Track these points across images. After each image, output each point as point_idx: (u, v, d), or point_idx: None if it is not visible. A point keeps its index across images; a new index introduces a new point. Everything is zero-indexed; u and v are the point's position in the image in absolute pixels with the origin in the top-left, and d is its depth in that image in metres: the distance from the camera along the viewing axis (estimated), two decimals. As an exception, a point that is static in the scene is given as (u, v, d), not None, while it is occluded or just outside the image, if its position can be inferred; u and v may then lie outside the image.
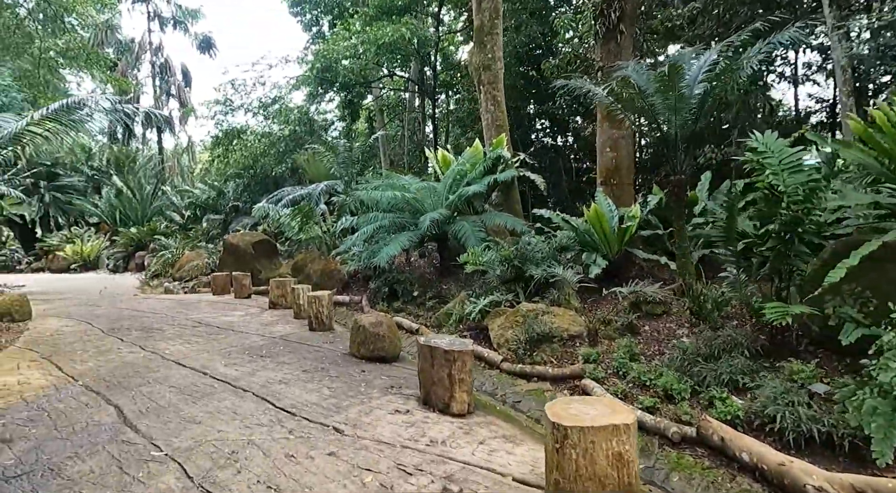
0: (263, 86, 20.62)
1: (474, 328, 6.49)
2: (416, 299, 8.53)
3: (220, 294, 10.63)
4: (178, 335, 6.50)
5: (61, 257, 20.62)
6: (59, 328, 7.11)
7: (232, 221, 18.80)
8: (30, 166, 21.20)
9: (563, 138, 17.08)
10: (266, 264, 12.65)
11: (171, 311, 8.45)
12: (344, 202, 10.93)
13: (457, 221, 8.68)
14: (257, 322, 7.40)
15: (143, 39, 27.92)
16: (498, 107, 11.64)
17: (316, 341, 6.20)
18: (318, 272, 10.57)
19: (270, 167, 19.52)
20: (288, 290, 8.64)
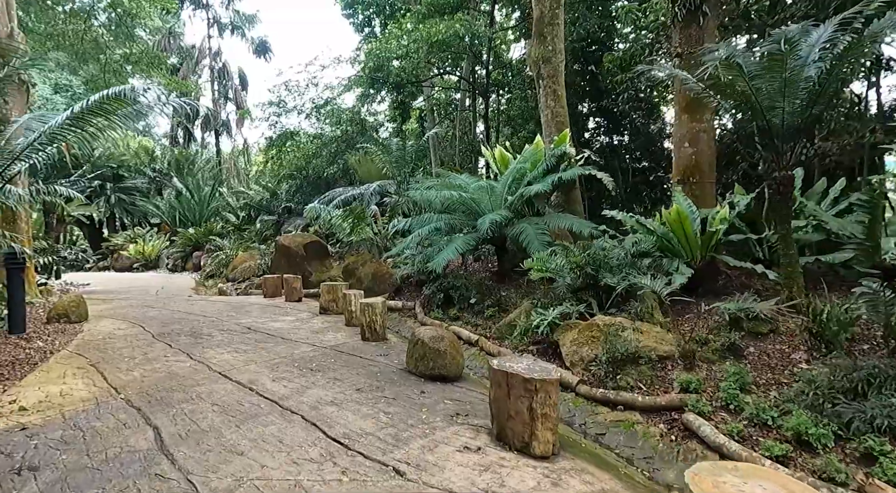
0: (316, 87, 20.68)
1: (542, 342, 5.84)
2: (474, 307, 7.95)
3: (271, 297, 10.43)
4: (226, 342, 6.19)
5: (125, 256, 21.37)
6: (111, 332, 6.98)
7: (284, 222, 18.86)
8: (96, 169, 22.11)
9: (619, 137, 16.13)
10: (317, 266, 12.42)
11: (221, 314, 8.24)
12: (396, 203, 10.52)
13: (517, 224, 8.05)
14: (307, 329, 7.02)
15: (202, 45, 28.77)
16: (558, 102, 10.92)
17: (369, 353, 5.73)
18: (369, 276, 10.18)
19: (322, 168, 19.49)
20: (339, 295, 8.26)
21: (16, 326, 6.44)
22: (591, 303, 5.97)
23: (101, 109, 4.42)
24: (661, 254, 6.59)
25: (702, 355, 4.54)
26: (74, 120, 4.47)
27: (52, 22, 13.89)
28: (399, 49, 17.37)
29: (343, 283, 8.62)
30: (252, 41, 30.29)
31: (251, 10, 30.13)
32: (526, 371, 3.16)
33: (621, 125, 15.13)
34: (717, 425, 3.49)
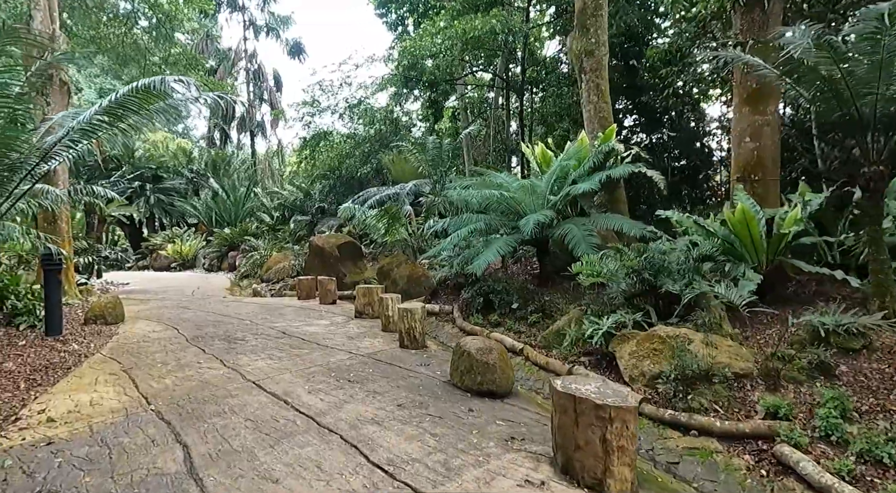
0: (350, 86, 20.56)
1: (594, 353, 5.39)
2: (516, 313, 7.53)
3: (306, 299, 10.24)
4: (260, 348, 5.95)
5: (163, 256, 21.74)
6: (146, 334, 6.85)
7: (318, 222, 18.80)
8: (136, 170, 22.60)
9: (658, 135, 15.42)
10: (351, 267, 12.20)
11: (255, 317, 8.06)
12: (432, 203, 10.19)
13: (562, 224, 7.59)
14: (343, 335, 6.74)
15: (238, 47, 29.15)
16: (602, 96, 10.41)
17: (409, 361, 5.38)
18: (404, 278, 9.88)
19: (355, 168, 19.36)
20: (375, 298, 7.96)
21: (52, 328, 6.36)
22: (649, 311, 5.47)
23: (130, 103, 4.22)
24: (726, 258, 6.03)
25: (786, 374, 4.01)
26: (103, 115, 4.29)
27: (96, 26, 14.14)
28: (433, 46, 17.09)
29: (379, 286, 8.33)
30: (286, 42, 30.55)
31: (286, 12, 30.41)
32: (597, 396, 2.74)
33: (660, 123, 14.45)
34: (819, 460, 2.99)
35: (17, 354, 5.43)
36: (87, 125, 4.33)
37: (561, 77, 18.17)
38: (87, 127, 4.37)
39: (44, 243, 5.84)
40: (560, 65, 18.60)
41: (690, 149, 13.40)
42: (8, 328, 6.43)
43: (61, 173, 9.56)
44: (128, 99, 4.14)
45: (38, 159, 4.35)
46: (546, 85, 18.26)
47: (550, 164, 9.25)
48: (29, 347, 5.78)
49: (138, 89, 4.05)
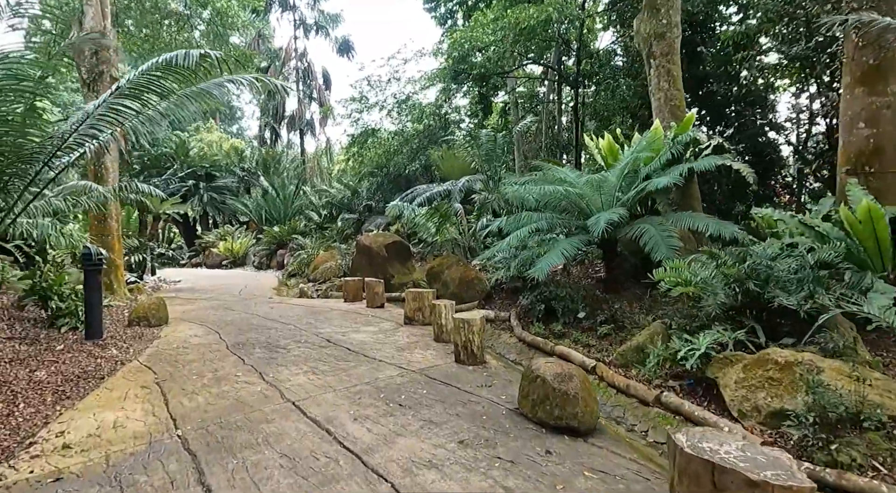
0: (398, 82, 20.12)
1: (684, 377, 4.56)
2: (582, 322, 6.74)
3: (352, 301, 9.75)
4: (303, 359, 5.43)
5: (215, 253, 22.03)
6: (186, 339, 6.49)
7: (365, 220, 18.46)
8: (189, 168, 23.03)
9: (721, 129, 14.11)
10: (399, 267, 11.67)
11: (300, 321, 7.60)
12: (485, 200, 9.49)
13: (634, 224, 6.73)
14: (392, 345, 6.14)
15: (288, 46, 29.33)
16: (673, 83, 9.44)
17: (467, 381, 4.70)
18: (455, 280, 9.23)
19: (403, 165, 18.90)
20: (426, 304, 7.34)
21: (92, 331, 6.08)
22: (754, 329, 4.58)
23: (152, 84, 3.76)
24: (847, 265, 5.03)
25: (967, 423, 3.08)
26: (123, 99, 3.85)
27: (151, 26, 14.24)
28: (484, 37, 16.37)
29: (430, 290, 7.70)
30: (335, 40, 30.52)
31: (335, 10, 30.42)
32: (747, 465, 1.97)
33: (724, 115, 13.17)
34: None
35: (53, 360, 5.13)
36: (107, 111, 3.90)
37: (616, 70, 17.18)
38: (107, 113, 3.94)
39: (83, 242, 5.53)
40: (614, 57, 17.61)
41: (756, 143, 12.15)
42: (50, 331, 6.21)
43: (111, 170, 9.47)
44: (148, 79, 3.68)
45: (54, 150, 3.96)
46: (600, 78, 17.24)
47: (618, 157, 8.38)
48: (66, 352, 5.48)
49: (159, 66, 3.57)
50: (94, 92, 9.37)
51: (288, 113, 30.23)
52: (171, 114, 4.30)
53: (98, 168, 9.36)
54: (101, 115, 3.93)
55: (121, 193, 7.31)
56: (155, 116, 4.22)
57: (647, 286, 7.58)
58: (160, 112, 4.21)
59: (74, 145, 4.10)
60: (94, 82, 9.34)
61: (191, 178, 23.84)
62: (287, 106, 30.81)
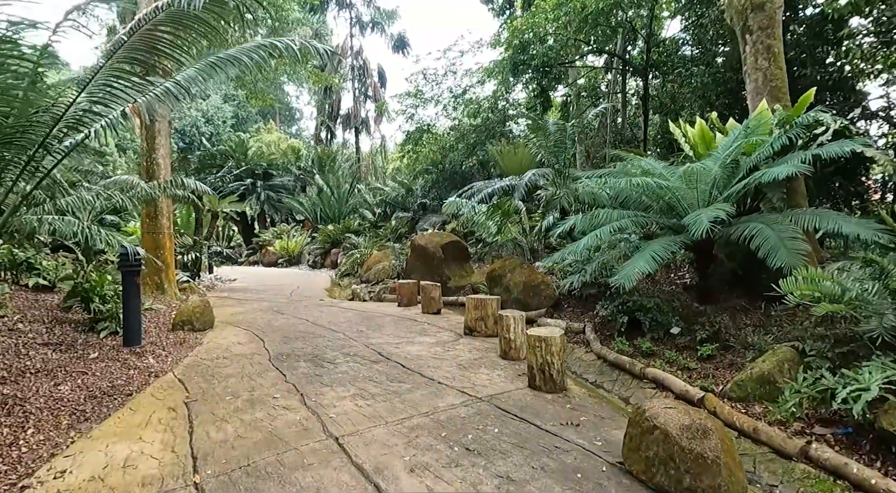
0: (454, 75, 19.37)
1: (842, 424, 3.48)
2: (676, 339, 5.68)
3: (406, 306, 9.04)
4: (350, 377, 4.71)
5: (271, 252, 22.09)
6: (228, 347, 5.95)
7: (420, 219, 17.82)
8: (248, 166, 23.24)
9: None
10: (456, 269, 10.88)
11: (350, 329, 6.95)
12: (553, 197, 8.53)
13: (740, 223, 5.60)
14: (452, 360, 5.33)
15: (344, 44, 29.25)
16: (774, 61, 8.15)
17: (548, 415, 3.81)
18: (519, 285, 8.32)
19: (459, 161, 18.13)
20: (490, 312, 6.50)
21: (130, 337, 5.64)
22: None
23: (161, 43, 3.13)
24: None
25: None
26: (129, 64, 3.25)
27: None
28: (547, 23, 15.34)
29: (493, 297, 6.84)
30: (391, 37, 30.18)
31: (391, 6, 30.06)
32: None
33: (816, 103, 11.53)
34: None
35: (82, 371, 4.66)
36: (111, 79, 3.30)
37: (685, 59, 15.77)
38: (111, 82, 3.34)
39: (119, 241, 5.07)
40: (682, 46, 16.19)
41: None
42: (89, 335, 5.82)
43: (163, 167, 9.21)
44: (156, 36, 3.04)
45: (49, 128, 3.41)
46: (667, 68, 15.84)
47: (711, 147, 7.20)
48: (99, 361, 5.03)
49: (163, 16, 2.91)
50: (146, 86, 9.13)
51: (343, 111, 30.19)
52: (194, 84, 3.67)
53: (150, 164, 9.13)
54: (104, 83, 3.34)
55: (167, 189, 6.91)
56: (173, 88, 3.62)
57: (752, 297, 6.43)
58: (180, 84, 3.60)
59: (76, 124, 3.55)
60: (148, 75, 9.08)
61: (248, 176, 24.08)
62: (342, 104, 30.80)
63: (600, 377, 5.49)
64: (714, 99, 13.68)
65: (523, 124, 18.94)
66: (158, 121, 9.19)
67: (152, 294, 8.86)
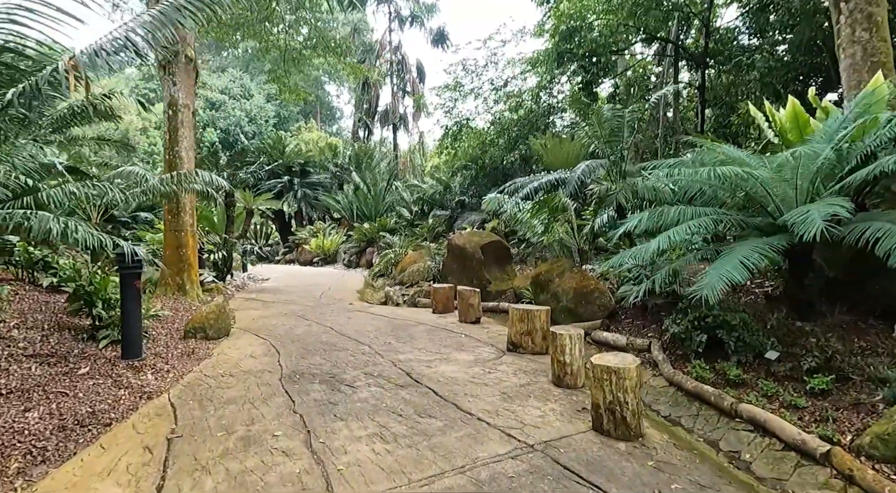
0: (496, 66, 18.38)
1: None
2: (772, 366, 4.59)
3: (442, 313, 8.19)
4: (371, 407, 3.88)
5: (307, 250, 21.70)
6: (238, 362, 5.24)
7: (458, 217, 16.96)
8: (275, 162, 22.93)
9: None
10: (496, 272, 9.95)
11: (377, 340, 6.14)
12: (608, 192, 7.49)
13: (855, 222, 4.45)
14: (494, 387, 4.42)
15: (383, 38, 28.69)
16: (877, 31, 6.98)
17: (626, 481, 2.85)
18: (569, 292, 7.32)
19: (500, 157, 17.16)
20: (538, 326, 5.55)
21: (129, 349, 4.99)
22: None
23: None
24: None
25: None
26: None
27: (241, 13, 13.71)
28: (597, 4, 14.21)
29: (542, 308, 5.87)
30: (430, 31, 29.42)
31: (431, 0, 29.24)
32: None
33: None
34: None
35: (63, 391, 4.01)
36: None
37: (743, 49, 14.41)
38: None
39: (113, 240, 4.42)
40: (739, 34, 14.80)
41: None
42: (87, 345, 5.22)
43: (186, 160, 8.68)
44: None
45: None
46: (726, 57, 14.43)
47: (807, 131, 6.01)
48: (89, 377, 4.39)
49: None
50: (169, 75, 8.63)
51: (381, 108, 29.65)
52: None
53: (173, 157, 8.61)
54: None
55: (181, 183, 6.28)
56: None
57: (859, 313, 5.25)
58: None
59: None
60: (170, 65, 8.58)
61: (285, 173, 23.79)
62: (380, 101, 30.28)
63: (675, 410, 4.47)
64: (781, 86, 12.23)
65: (567, 119, 17.78)
66: (181, 111, 8.66)
67: (173, 296, 8.34)
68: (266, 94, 48.58)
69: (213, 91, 43.42)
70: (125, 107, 21.86)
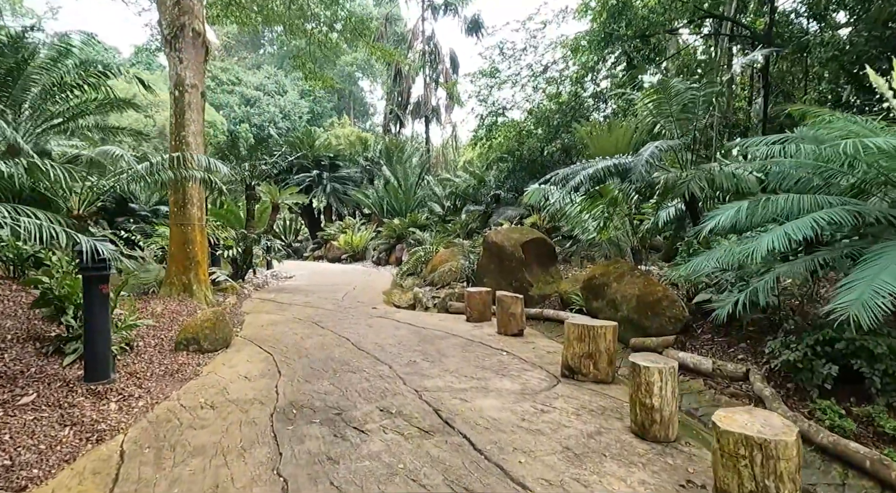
0: (535, 50, 17.05)
1: None
2: (944, 416, 3.28)
3: (477, 322, 7.05)
4: (383, 471, 2.77)
5: (336, 247, 20.91)
6: (226, 386, 4.23)
7: (493, 212, 15.75)
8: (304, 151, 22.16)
9: None
10: (539, 274, 8.73)
11: (400, 358, 5.05)
12: (678, 181, 6.18)
13: None
14: (552, 437, 3.25)
15: (415, 28, 27.64)
16: None
17: None
18: (631, 300, 6.08)
19: (539, 147, 15.86)
20: (602, 348, 4.34)
21: (94, 370, 4.02)
22: None
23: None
24: None
25: None
26: None
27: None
28: (651, -25, 12.79)
29: (608, 323, 4.63)
30: (465, 20, 28.18)
31: (466, -14, 27.98)
32: None
33: None
34: None
35: (-15, 431, 3.07)
36: None
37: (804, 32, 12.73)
38: None
39: (72, 234, 3.46)
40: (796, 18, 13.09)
41: None
42: (49, 361, 4.30)
43: (193, 145, 7.78)
44: None
45: None
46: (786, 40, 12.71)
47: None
48: (31, 409, 3.43)
49: None
50: (175, 51, 7.75)
51: (413, 99, 28.61)
52: None
53: (179, 143, 7.73)
54: None
55: (175, 168, 5.32)
56: None
57: None
58: None
59: None
60: (176, 39, 7.69)
61: (315, 167, 23.05)
62: (412, 92, 29.23)
63: (806, 474, 3.21)
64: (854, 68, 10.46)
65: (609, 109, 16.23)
66: (188, 92, 7.77)
67: (178, 297, 7.46)
68: (300, 90, 48.34)
69: (248, 88, 43.40)
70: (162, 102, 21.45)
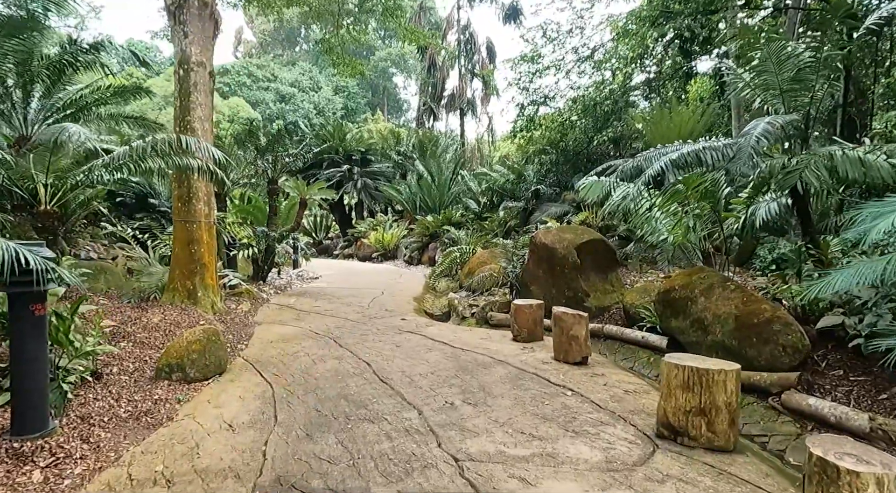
0: (581, 31, 15.60)
1: None
2: None
3: (526, 341, 5.81)
4: None
5: (366, 245, 20.00)
6: (201, 441, 3.15)
7: (534, 209, 14.42)
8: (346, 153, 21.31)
9: None
10: (597, 281, 7.43)
11: (433, 398, 3.88)
12: (786, 169, 4.79)
13: None
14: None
15: (450, 16, 26.43)
16: None
17: None
18: (726, 320, 4.75)
19: (586, 139, 14.45)
20: (720, 399, 3.06)
21: (24, 419, 3.00)
22: None
23: None
24: None
25: None
26: None
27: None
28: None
29: (730, 366, 3.30)
30: (502, 7, 26.77)
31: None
32: None
33: None
34: None
35: None
36: None
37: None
38: None
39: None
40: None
41: None
42: (-20, 399, 3.33)
43: (200, 131, 6.81)
44: None
45: None
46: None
47: None
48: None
49: None
50: (180, 24, 6.79)
51: (448, 91, 27.43)
52: None
53: (183, 128, 6.77)
54: None
55: (170, 157, 4.31)
56: None
57: None
58: None
59: None
60: (180, 10, 6.73)
61: (345, 162, 22.17)
62: (447, 84, 28.05)
63: None
64: None
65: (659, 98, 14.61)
66: (195, 70, 6.81)
67: (181, 304, 6.51)
68: (334, 86, 47.89)
69: (283, 84, 43.17)
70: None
